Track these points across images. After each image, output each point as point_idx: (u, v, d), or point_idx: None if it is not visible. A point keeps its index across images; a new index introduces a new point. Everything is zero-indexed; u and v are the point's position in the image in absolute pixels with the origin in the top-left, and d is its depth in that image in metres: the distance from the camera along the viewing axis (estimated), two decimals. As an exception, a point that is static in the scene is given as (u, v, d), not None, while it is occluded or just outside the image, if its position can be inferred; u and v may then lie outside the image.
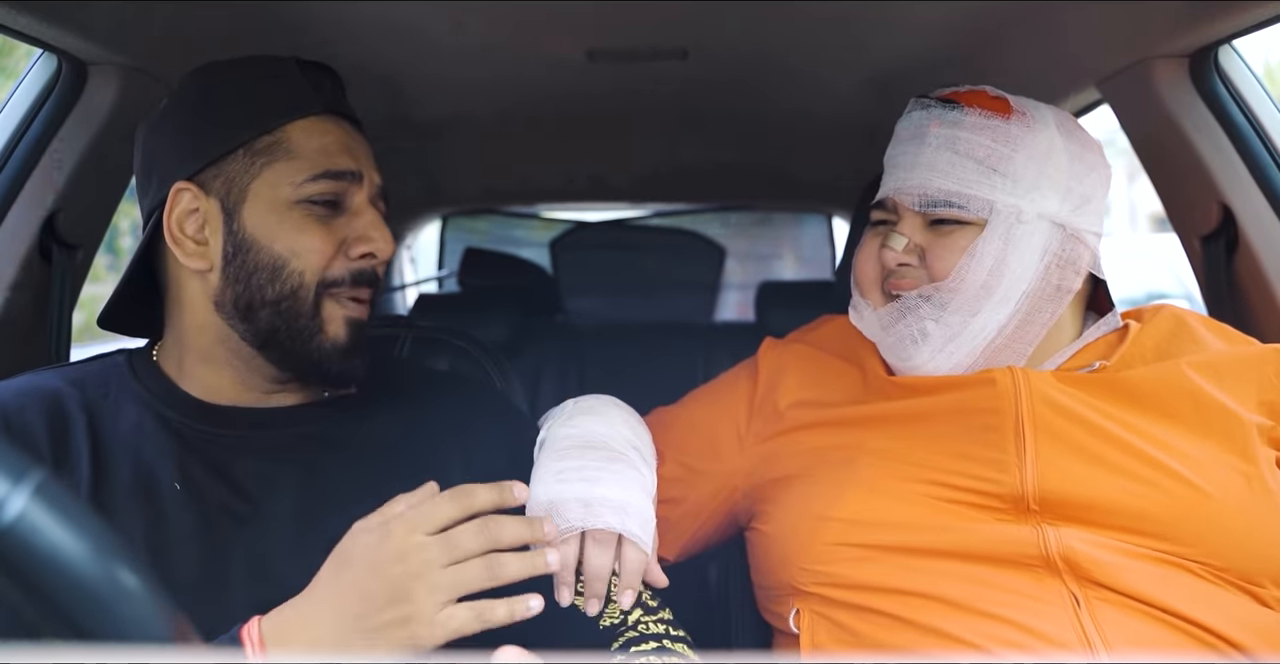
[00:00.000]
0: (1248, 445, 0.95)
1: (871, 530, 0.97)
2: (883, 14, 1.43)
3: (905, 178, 1.04)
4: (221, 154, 0.89)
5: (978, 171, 1.00)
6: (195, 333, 0.93)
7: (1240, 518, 0.92)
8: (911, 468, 0.99)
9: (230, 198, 0.90)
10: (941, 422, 1.01)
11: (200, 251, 0.90)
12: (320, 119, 0.93)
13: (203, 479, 0.89)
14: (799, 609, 1.02)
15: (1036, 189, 1.00)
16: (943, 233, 1.02)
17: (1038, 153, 1.01)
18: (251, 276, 0.89)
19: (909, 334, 1.02)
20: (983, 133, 1.01)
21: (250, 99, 0.92)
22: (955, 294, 1.00)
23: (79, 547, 0.46)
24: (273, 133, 0.90)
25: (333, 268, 0.91)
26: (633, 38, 1.55)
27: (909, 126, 1.07)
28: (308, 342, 0.91)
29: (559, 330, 2.53)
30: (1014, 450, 0.97)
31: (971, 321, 1.00)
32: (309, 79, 0.94)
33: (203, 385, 0.94)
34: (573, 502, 0.93)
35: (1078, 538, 0.93)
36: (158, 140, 0.94)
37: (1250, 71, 1.37)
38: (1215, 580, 0.91)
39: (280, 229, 0.89)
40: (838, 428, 1.07)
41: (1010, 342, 1.02)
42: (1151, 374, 1.00)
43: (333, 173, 0.91)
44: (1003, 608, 0.91)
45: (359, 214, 0.93)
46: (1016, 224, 1.00)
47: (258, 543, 0.87)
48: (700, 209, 3.06)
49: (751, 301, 2.55)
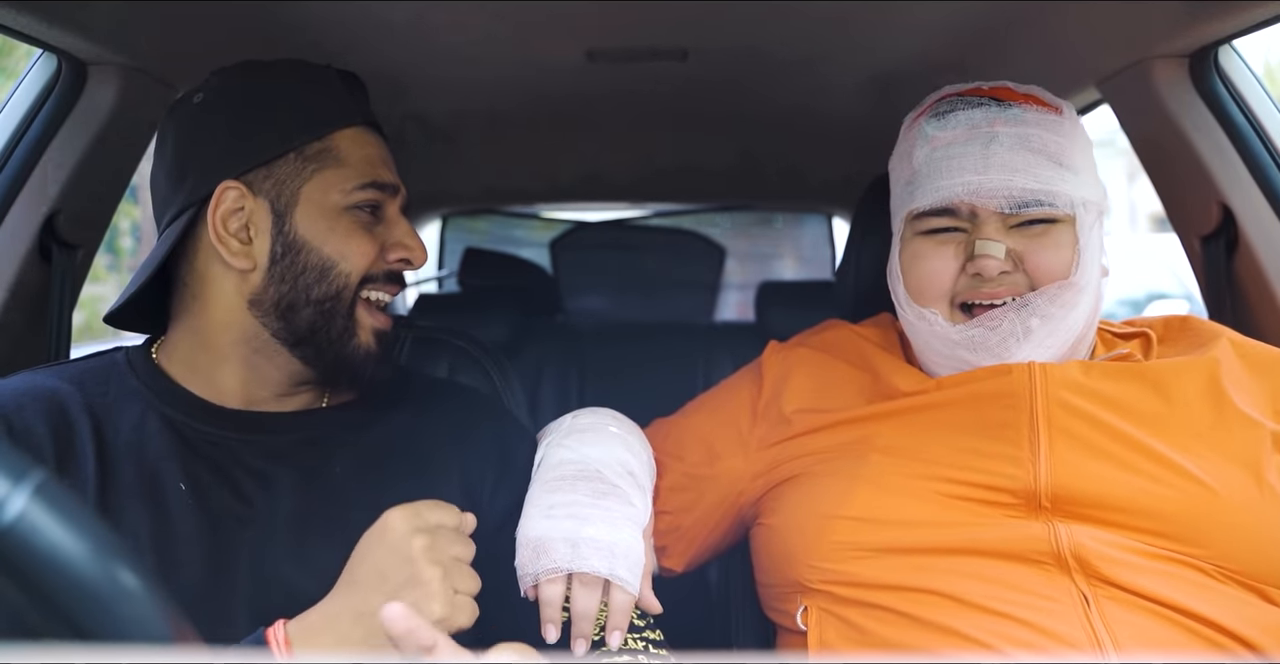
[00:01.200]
0: (1260, 448, 0.95)
1: (881, 529, 0.97)
2: (882, 14, 1.43)
3: (979, 181, 1.00)
4: (273, 156, 0.91)
5: (1051, 167, 1.01)
6: (218, 330, 0.93)
7: (1250, 519, 0.92)
8: (923, 464, 0.99)
9: (281, 200, 0.92)
10: (954, 416, 1.01)
11: (245, 250, 0.92)
12: (362, 130, 0.97)
13: (207, 481, 0.90)
14: (807, 607, 1.01)
15: (1089, 181, 1.03)
16: (1034, 234, 1.01)
17: (1081, 144, 1.04)
18: (300, 277, 0.92)
19: (1013, 332, 1.01)
20: (1045, 128, 1.02)
21: (299, 104, 0.94)
22: (1065, 290, 1.00)
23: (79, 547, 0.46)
24: (323, 139, 0.93)
25: (371, 269, 0.95)
26: (632, 38, 1.55)
27: (960, 126, 1.03)
28: (346, 343, 0.94)
29: (559, 330, 2.53)
30: (1028, 446, 0.97)
31: (1070, 314, 1.01)
32: (349, 89, 0.98)
33: (209, 385, 0.94)
34: (560, 541, 0.92)
35: (1089, 535, 0.93)
36: (198, 137, 0.93)
37: (1250, 71, 1.36)
38: (1224, 580, 0.91)
39: (332, 233, 0.92)
40: (848, 427, 1.06)
41: (1088, 329, 1.05)
42: (1174, 365, 1.01)
43: (378, 184, 0.95)
44: (1012, 606, 0.91)
45: (395, 223, 0.98)
46: (1086, 216, 1.02)
47: (259, 545, 0.88)
48: (700, 209, 3.06)
49: (751, 302, 2.55)
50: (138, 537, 0.85)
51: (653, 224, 3.10)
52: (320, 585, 0.83)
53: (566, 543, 0.92)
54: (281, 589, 0.85)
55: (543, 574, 0.92)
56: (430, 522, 0.79)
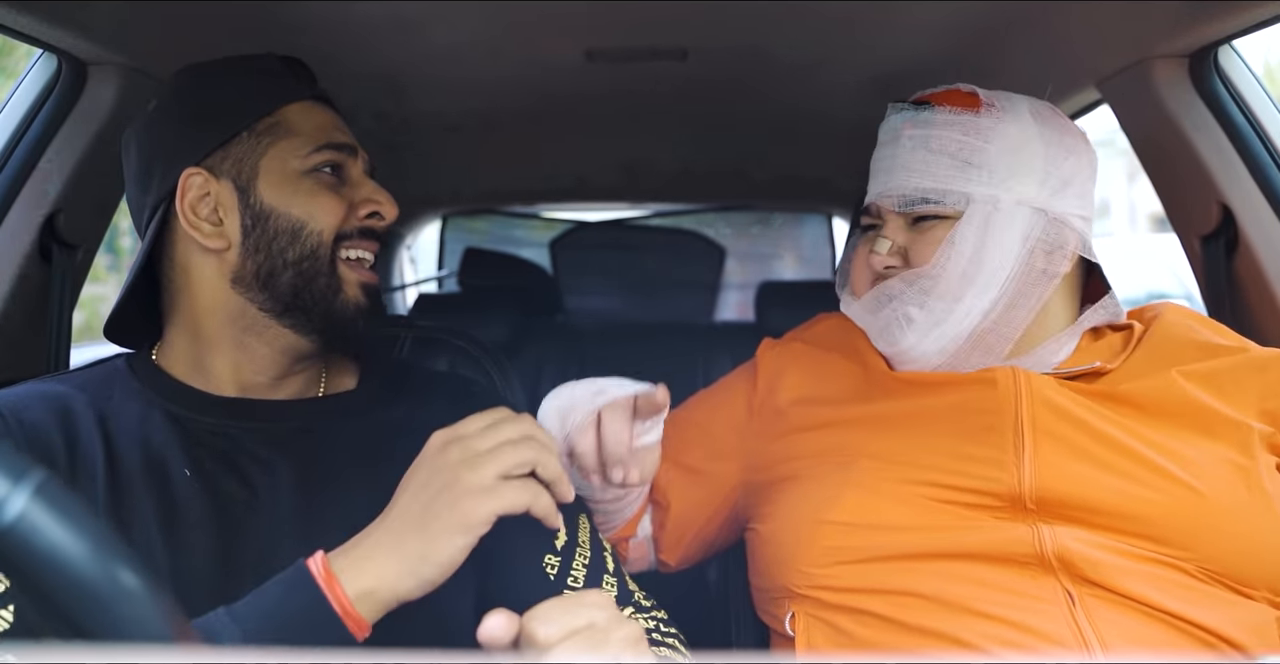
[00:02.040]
0: (1247, 450, 0.95)
1: (868, 534, 0.98)
2: (883, 14, 1.44)
3: (886, 181, 1.07)
4: (226, 138, 0.95)
5: (951, 166, 1.02)
6: (206, 316, 0.96)
7: (1236, 523, 0.92)
8: (909, 469, 1.00)
9: (242, 176, 0.95)
10: (941, 421, 1.02)
11: (217, 231, 0.94)
12: (310, 103, 1.00)
13: (211, 468, 0.92)
14: (794, 612, 1.02)
15: (1013, 176, 1.02)
16: (923, 229, 1.05)
17: (1011, 141, 1.03)
18: (273, 242, 0.94)
19: (894, 319, 1.05)
20: (953, 128, 1.03)
21: (245, 88, 0.98)
22: (936, 281, 1.02)
23: (79, 547, 0.46)
24: (272, 115, 0.96)
25: (343, 227, 0.97)
26: (632, 38, 1.55)
27: (886, 132, 1.09)
28: (331, 302, 0.95)
29: (559, 330, 2.53)
30: (1013, 450, 0.97)
31: (956, 307, 1.02)
32: (290, 69, 1.02)
33: (204, 375, 0.97)
34: (584, 396, 0.98)
35: (1073, 537, 0.93)
36: (156, 135, 0.97)
37: (1250, 71, 1.37)
38: (1210, 582, 0.92)
39: (295, 196, 0.95)
40: (838, 429, 1.07)
41: (996, 325, 1.04)
42: (1149, 387, 1.00)
43: (333, 145, 0.98)
44: (998, 607, 0.91)
45: (360, 184, 1.00)
46: (994, 212, 1.01)
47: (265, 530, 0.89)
48: (700, 209, 3.06)
49: (751, 301, 2.55)
50: (147, 525, 0.86)
51: (653, 224, 3.10)
52: None
53: (589, 394, 0.98)
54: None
55: (574, 430, 0.96)
56: (461, 432, 0.82)
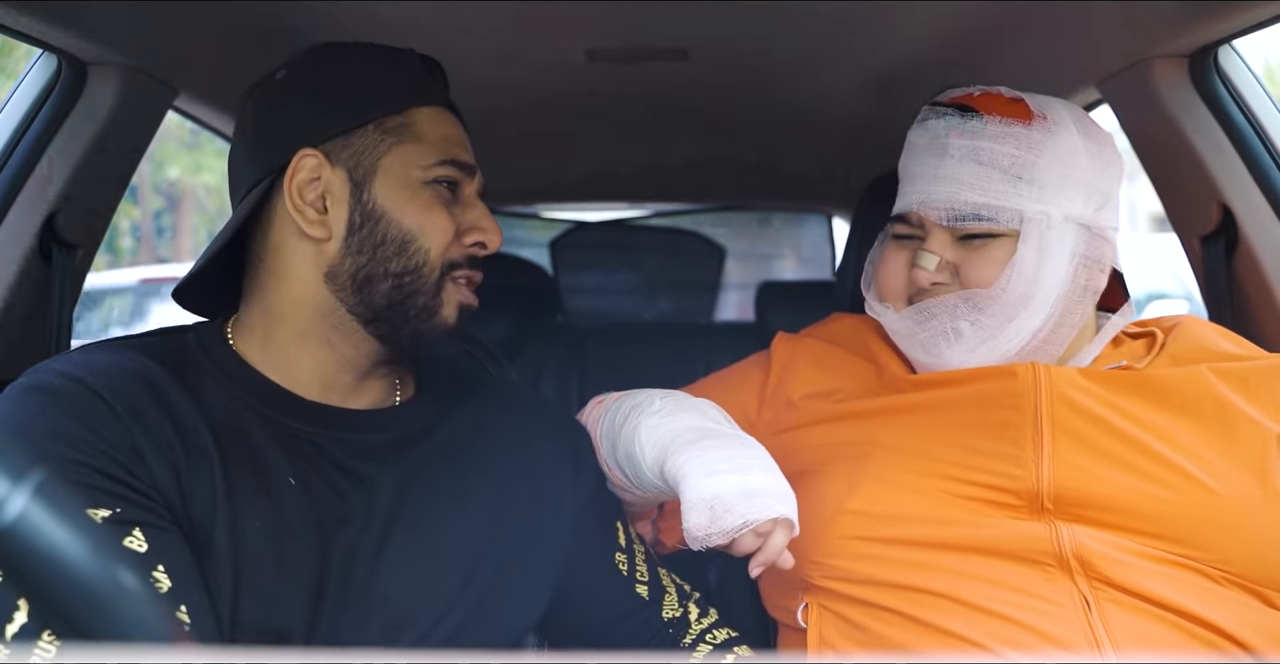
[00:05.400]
0: (1266, 453, 0.95)
1: (885, 523, 0.97)
2: (883, 14, 1.43)
3: (929, 191, 1.02)
4: (351, 127, 0.91)
5: (1004, 181, 0.99)
6: (294, 305, 0.91)
7: (1254, 522, 0.92)
8: (926, 462, 0.99)
9: (359, 170, 0.90)
10: (959, 415, 1.01)
11: (321, 220, 0.90)
12: (441, 110, 0.96)
13: (308, 475, 0.88)
14: (808, 604, 1.01)
15: (1062, 192, 0.99)
16: (975, 247, 1.01)
17: (1061, 156, 1.00)
18: (378, 248, 0.90)
19: (942, 331, 1.01)
20: (1005, 141, 0.99)
21: (382, 79, 0.94)
22: (994, 302, 0.99)
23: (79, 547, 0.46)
24: (402, 114, 0.92)
25: (450, 251, 0.93)
26: (632, 38, 1.55)
27: (925, 136, 1.04)
28: (423, 321, 0.92)
29: (559, 330, 2.53)
30: (1031, 447, 0.97)
31: (1008, 326, 1.00)
32: (429, 70, 0.98)
33: (285, 370, 0.92)
34: (736, 497, 0.89)
35: (1091, 536, 0.93)
36: (276, 109, 0.93)
37: (1250, 71, 1.36)
38: (1226, 583, 0.91)
39: (411, 205, 0.91)
40: (852, 422, 1.07)
41: (1044, 344, 1.02)
42: (1177, 375, 0.99)
43: (457, 162, 0.94)
44: (1013, 608, 0.91)
45: (472, 206, 0.96)
46: (1047, 230, 0.99)
47: (356, 544, 0.87)
48: (700, 209, 3.06)
49: (751, 301, 2.55)
50: (256, 531, 0.83)
51: (653, 224, 3.10)
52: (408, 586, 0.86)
53: (742, 496, 0.89)
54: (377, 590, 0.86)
55: (721, 533, 0.88)
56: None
